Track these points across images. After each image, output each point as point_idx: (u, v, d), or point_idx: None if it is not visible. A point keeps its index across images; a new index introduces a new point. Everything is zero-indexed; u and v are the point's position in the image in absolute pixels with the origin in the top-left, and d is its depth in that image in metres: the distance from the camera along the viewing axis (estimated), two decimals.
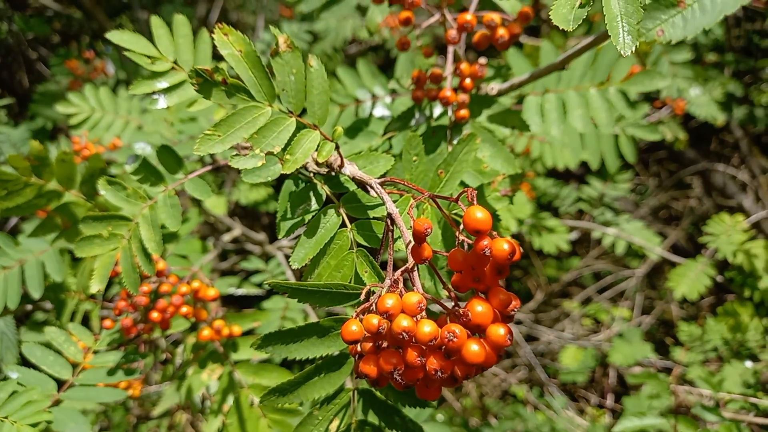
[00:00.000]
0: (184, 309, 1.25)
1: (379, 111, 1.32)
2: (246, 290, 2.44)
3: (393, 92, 1.57)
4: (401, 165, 0.85)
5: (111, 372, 1.32)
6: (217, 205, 2.79)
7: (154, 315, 1.23)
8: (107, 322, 1.28)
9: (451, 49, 1.11)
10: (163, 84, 0.95)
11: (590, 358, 4.07)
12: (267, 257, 2.83)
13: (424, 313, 0.62)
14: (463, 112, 1.07)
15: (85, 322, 1.77)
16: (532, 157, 2.61)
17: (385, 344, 0.65)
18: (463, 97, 1.08)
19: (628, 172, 3.31)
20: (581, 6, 0.49)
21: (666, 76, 1.16)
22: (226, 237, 2.51)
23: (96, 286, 0.95)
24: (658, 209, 5.10)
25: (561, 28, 0.59)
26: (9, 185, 1.22)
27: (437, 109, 1.14)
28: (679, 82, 2.79)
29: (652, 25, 0.41)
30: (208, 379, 1.34)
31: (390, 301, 0.61)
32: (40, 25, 4.46)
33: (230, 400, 1.36)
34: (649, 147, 5.38)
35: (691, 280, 2.59)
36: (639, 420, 1.70)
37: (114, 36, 0.96)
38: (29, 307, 1.69)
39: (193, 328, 1.39)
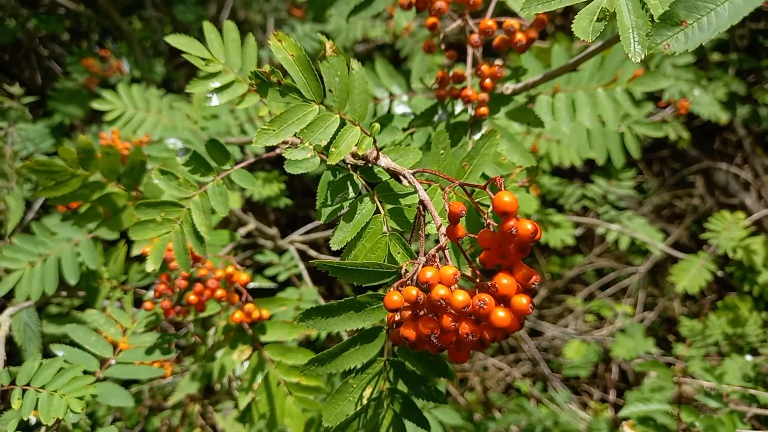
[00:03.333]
0: (219, 292, 1.34)
1: (401, 108, 1.41)
2: (258, 283, 2.52)
3: (410, 91, 1.66)
4: (427, 158, 0.94)
5: (148, 351, 1.42)
6: (233, 200, 2.88)
7: (191, 297, 1.32)
8: (147, 304, 1.38)
9: (471, 51, 1.20)
10: (215, 84, 1.04)
11: (593, 353, 4.14)
12: (279, 251, 2.93)
13: (457, 285, 0.71)
14: (483, 110, 1.17)
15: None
16: (539, 155, 2.71)
17: (422, 312, 0.74)
18: (483, 95, 1.17)
19: (631, 170, 3.40)
20: (599, 20, 0.58)
21: (669, 76, 1.25)
22: (242, 231, 2.60)
23: (151, 267, 1.04)
24: (661, 208, 5.18)
25: (574, 33, 0.68)
26: (57, 176, 1.32)
27: (458, 107, 1.24)
28: (681, 84, 2.87)
29: (660, 40, 0.49)
30: (238, 359, 1.44)
31: (429, 273, 0.70)
32: (55, 23, 4.54)
33: (259, 379, 1.45)
34: (652, 146, 5.46)
35: (692, 274, 2.68)
36: (644, 405, 1.79)
37: (172, 40, 1.05)
38: (64, 293, 1.78)
39: (225, 311, 1.49)
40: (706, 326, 3.09)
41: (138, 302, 1.73)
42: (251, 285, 2.59)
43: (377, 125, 0.87)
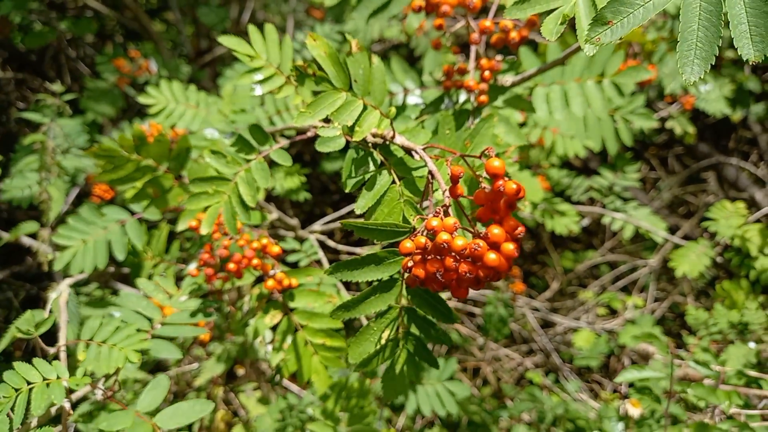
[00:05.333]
0: (255, 261, 1.53)
1: (413, 99, 1.60)
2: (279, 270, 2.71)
3: (422, 85, 1.84)
4: (435, 138, 1.12)
5: (192, 314, 1.62)
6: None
7: (231, 266, 1.51)
8: (193, 271, 1.57)
9: (473, 48, 1.38)
10: (259, 76, 1.23)
11: (603, 344, 4.27)
12: (300, 240, 3.12)
13: (457, 233, 0.89)
14: (483, 98, 1.35)
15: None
16: (546, 148, 2.86)
17: (429, 256, 0.92)
18: (483, 86, 1.35)
19: (637, 163, 3.54)
20: (561, 23, 0.75)
21: (650, 71, 1.41)
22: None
23: (204, 230, 1.23)
24: (673, 204, 5.28)
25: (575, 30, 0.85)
26: (115, 160, 1.52)
27: (462, 96, 1.42)
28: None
29: (594, 35, 0.66)
30: (270, 323, 1.62)
31: (435, 222, 0.88)
32: (85, 25, 4.77)
33: (288, 340, 1.64)
34: (666, 143, 5.57)
35: (691, 260, 2.82)
36: (638, 372, 1.95)
37: (224, 40, 1.24)
38: (111, 269, 1.99)
39: (258, 280, 1.67)
40: (711, 315, 3.21)
41: (178, 277, 1.93)
42: (272, 272, 2.80)
43: (393, 108, 1.05)
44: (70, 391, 1.44)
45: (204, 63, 5.01)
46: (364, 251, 2.70)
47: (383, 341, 1.15)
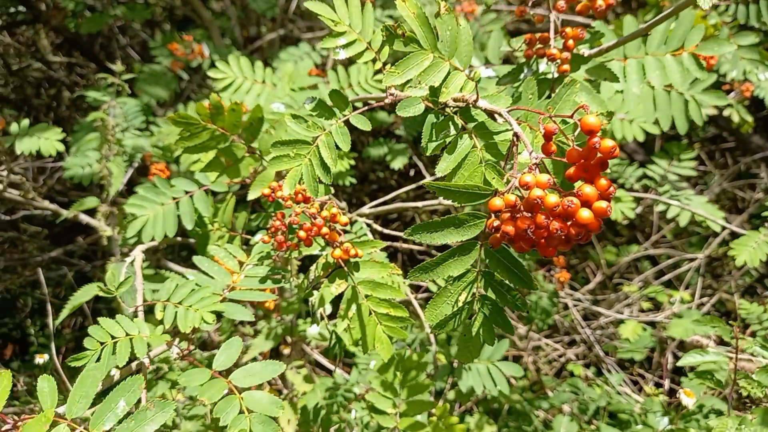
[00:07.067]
0: (324, 230, 1.57)
1: (486, 72, 1.61)
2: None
3: (487, 62, 1.85)
4: (519, 103, 1.13)
5: (262, 280, 1.66)
6: None
7: (302, 234, 1.55)
8: (265, 237, 1.61)
9: (553, 17, 1.38)
10: (342, 41, 1.26)
11: (648, 337, 4.20)
12: (350, 222, 3.17)
13: (548, 190, 0.90)
14: (565, 67, 1.35)
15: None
16: (608, 131, 2.82)
17: (519, 215, 0.93)
18: (566, 54, 1.35)
19: (692, 151, 3.47)
20: None
21: (732, 43, 1.38)
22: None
23: (286, 191, 1.27)
24: (719, 199, 5.15)
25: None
26: (192, 128, 1.57)
27: (542, 66, 1.42)
28: (745, 65, 2.93)
29: None
30: (336, 291, 1.66)
31: (528, 177, 0.89)
32: (142, 10, 4.90)
33: (353, 309, 1.67)
34: (715, 137, 5.43)
35: (752, 249, 2.76)
36: (701, 356, 1.92)
37: (310, 5, 1.27)
38: (179, 238, 2.05)
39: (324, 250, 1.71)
40: (766, 309, 3.13)
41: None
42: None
43: (478, 71, 1.06)
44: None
45: (253, 49, 5.08)
46: (396, 234, 2.72)
47: (460, 304, 1.16)
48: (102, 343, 1.39)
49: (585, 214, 0.88)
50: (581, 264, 5.35)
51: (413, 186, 2.91)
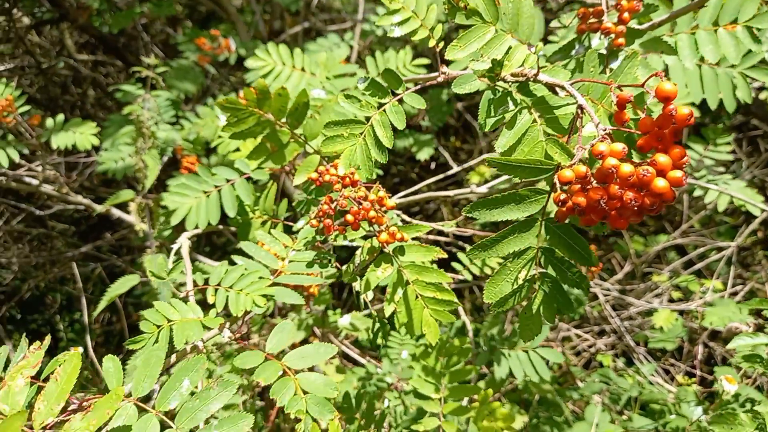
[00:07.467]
0: (372, 214, 1.56)
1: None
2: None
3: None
4: (580, 76, 1.12)
5: (309, 264, 1.67)
6: None
7: (349, 217, 1.55)
8: (314, 221, 1.62)
9: None
10: (397, 18, 1.25)
11: (680, 326, 4.14)
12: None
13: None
14: (621, 41, 1.33)
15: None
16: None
17: (589, 186, 0.92)
18: (622, 28, 1.33)
19: (729, 135, 3.40)
20: None
21: None
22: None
23: (341, 171, 1.27)
24: (752, 185, 5.06)
25: None
26: (239, 113, 1.57)
27: (595, 41, 1.40)
28: None
29: None
30: (382, 275, 1.65)
31: (603, 146, 0.88)
32: (168, 6, 4.93)
33: (399, 293, 1.67)
34: (741, 125, 5.32)
35: None
36: (751, 339, 1.89)
37: None
38: (220, 226, 2.07)
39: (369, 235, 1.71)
40: None
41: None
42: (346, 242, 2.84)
43: (541, 44, 1.05)
44: None
45: (277, 43, 5.10)
46: (436, 226, 2.71)
47: (520, 281, 1.15)
48: (158, 326, 1.40)
49: (660, 183, 0.86)
50: (606, 255, 5.30)
51: (441, 176, 2.90)
